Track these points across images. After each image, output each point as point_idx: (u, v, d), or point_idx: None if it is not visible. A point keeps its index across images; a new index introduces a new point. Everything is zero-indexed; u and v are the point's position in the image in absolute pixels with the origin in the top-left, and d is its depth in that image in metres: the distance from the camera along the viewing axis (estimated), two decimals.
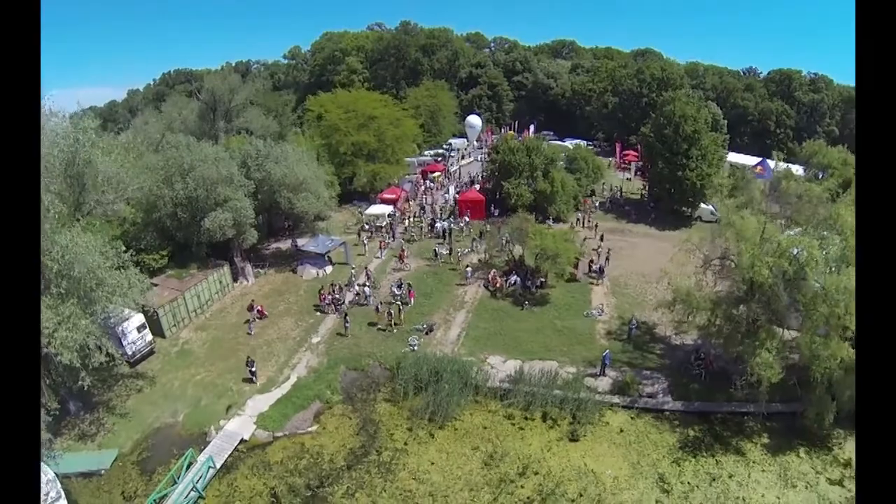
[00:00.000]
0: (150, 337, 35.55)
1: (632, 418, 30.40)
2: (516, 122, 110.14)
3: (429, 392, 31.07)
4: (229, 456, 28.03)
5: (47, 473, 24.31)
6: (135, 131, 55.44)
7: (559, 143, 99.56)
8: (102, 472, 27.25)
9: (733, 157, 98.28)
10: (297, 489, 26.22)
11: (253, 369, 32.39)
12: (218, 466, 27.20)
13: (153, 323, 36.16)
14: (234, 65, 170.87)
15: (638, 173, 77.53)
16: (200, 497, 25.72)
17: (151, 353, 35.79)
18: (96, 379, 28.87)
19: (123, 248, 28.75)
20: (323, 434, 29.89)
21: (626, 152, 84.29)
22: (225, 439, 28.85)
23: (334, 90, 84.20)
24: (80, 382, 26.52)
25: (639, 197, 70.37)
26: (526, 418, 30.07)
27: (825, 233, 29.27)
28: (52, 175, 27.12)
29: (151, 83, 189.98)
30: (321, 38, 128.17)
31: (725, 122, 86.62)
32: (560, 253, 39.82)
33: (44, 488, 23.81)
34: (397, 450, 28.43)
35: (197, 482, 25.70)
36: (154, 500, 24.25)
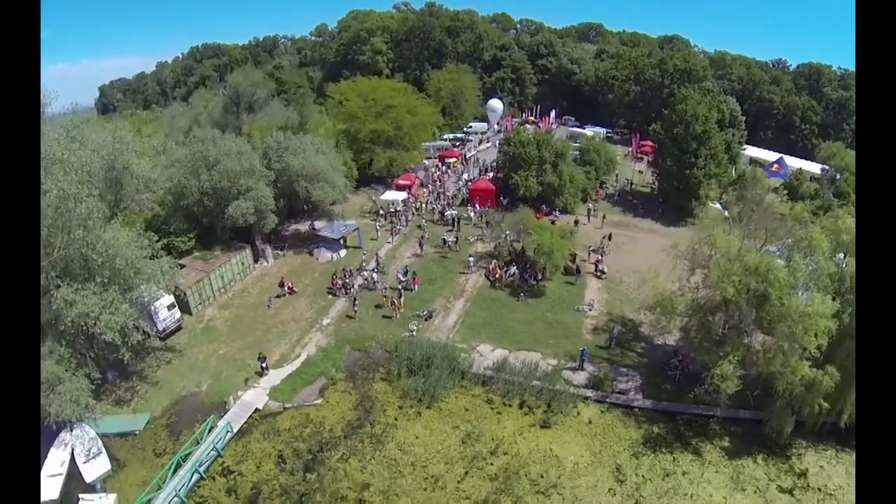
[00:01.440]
0: (178, 314, 40.05)
1: (602, 412, 33.47)
2: (538, 107, 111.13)
3: (420, 375, 34.81)
4: (245, 422, 32.44)
5: (89, 433, 29.28)
6: (165, 124, 59.70)
7: (579, 129, 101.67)
8: (136, 432, 31.85)
9: (753, 152, 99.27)
10: (300, 453, 30.48)
11: (264, 365, 35.93)
12: (235, 431, 31.58)
13: (181, 301, 40.63)
14: (261, 39, 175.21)
15: (651, 165, 79.69)
16: (219, 455, 30.22)
17: (179, 328, 40.28)
18: (132, 352, 33.24)
19: (156, 239, 33.01)
20: (325, 407, 33.97)
21: (643, 143, 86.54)
22: (242, 408, 33.30)
23: (355, 78, 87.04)
24: (119, 356, 31.08)
25: (649, 190, 72.19)
26: (504, 404, 33.58)
27: (797, 255, 30.30)
28: (94, 179, 31.30)
29: (180, 56, 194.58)
30: (347, 16, 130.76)
31: (743, 118, 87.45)
32: (555, 249, 42.80)
33: (86, 445, 28.83)
34: (388, 424, 32.37)
35: (217, 443, 30.17)
36: (180, 457, 28.61)
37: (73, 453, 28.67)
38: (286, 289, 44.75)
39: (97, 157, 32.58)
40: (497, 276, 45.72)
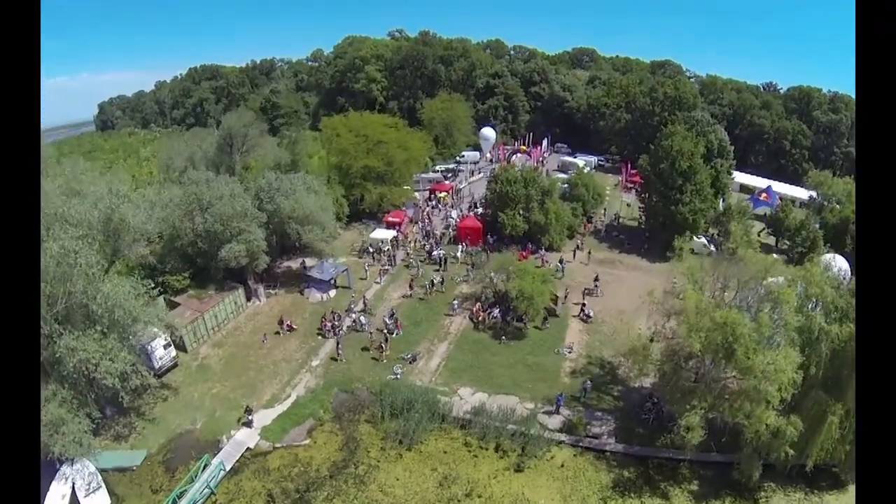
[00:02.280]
0: (174, 353, 42.58)
1: (574, 455, 35.49)
2: (531, 134, 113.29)
3: (402, 418, 37.06)
4: (237, 461, 34.68)
5: (89, 467, 31.61)
6: (162, 164, 62.51)
7: (570, 158, 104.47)
8: (134, 468, 34.16)
9: (743, 178, 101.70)
10: (288, 492, 32.69)
11: (250, 417, 37.50)
12: (228, 469, 33.86)
13: (176, 340, 43.15)
14: (258, 62, 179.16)
15: (639, 197, 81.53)
16: (212, 493, 32.45)
17: (175, 366, 42.72)
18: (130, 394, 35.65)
19: (151, 285, 35.64)
20: (313, 447, 36.19)
21: (633, 173, 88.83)
22: (234, 447, 35.57)
23: (349, 105, 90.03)
24: (119, 399, 33.47)
25: (636, 224, 74.24)
26: (481, 447, 35.71)
27: (764, 310, 31.44)
28: (93, 232, 34.04)
29: (178, 76, 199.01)
30: (343, 41, 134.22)
31: (732, 147, 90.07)
32: (535, 295, 45.09)
33: (86, 479, 31.19)
34: (371, 465, 34.60)
35: (210, 482, 32.43)
36: (176, 495, 30.71)
37: (73, 487, 30.73)
38: (285, 326, 47.41)
39: (95, 211, 35.31)
40: (480, 318, 47.97)
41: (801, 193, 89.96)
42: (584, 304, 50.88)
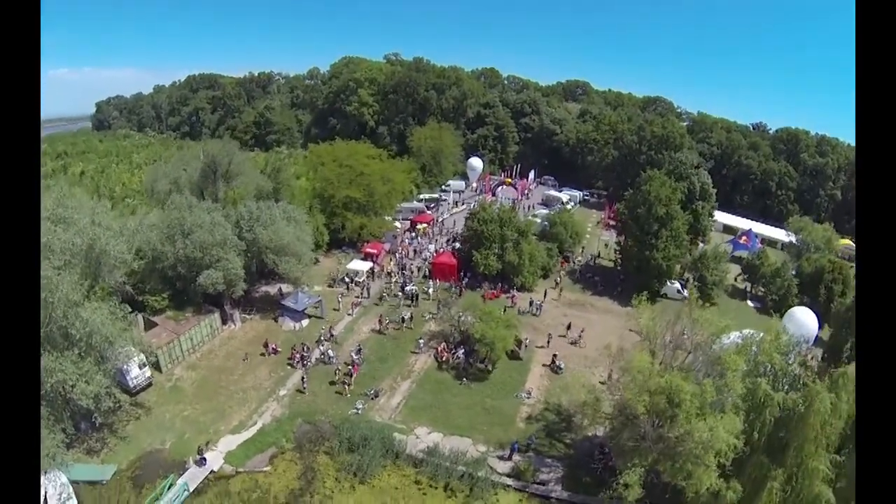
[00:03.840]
0: (149, 373, 45.13)
1: (520, 501, 37.86)
2: (518, 166, 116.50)
3: (358, 452, 39.47)
4: (200, 483, 37.15)
5: (61, 478, 34.08)
6: (147, 188, 65.54)
7: (555, 193, 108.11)
8: (104, 482, 36.38)
9: (727, 219, 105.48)
10: None
11: (203, 457, 38.84)
12: (191, 490, 36.28)
13: (152, 359, 45.79)
14: (256, 75, 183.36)
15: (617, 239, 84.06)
16: None
17: (150, 385, 45.23)
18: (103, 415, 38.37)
19: (129, 309, 38.47)
20: (273, 474, 38.60)
21: (615, 210, 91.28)
22: (199, 469, 38.06)
23: (336, 132, 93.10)
24: (92, 420, 36.15)
25: (613, 265, 76.67)
26: (431, 486, 37.99)
27: (708, 378, 33.27)
28: (75, 259, 36.85)
29: (176, 82, 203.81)
30: (340, 61, 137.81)
31: (715, 191, 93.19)
32: (497, 341, 47.73)
33: (58, 490, 33.60)
34: (325, 496, 37.00)
35: (174, 501, 34.78)
36: None
37: (45, 496, 32.93)
38: (270, 349, 50.75)
39: (78, 239, 37.94)
40: (444, 358, 50.57)
41: (782, 235, 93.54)
42: (555, 355, 52.47)
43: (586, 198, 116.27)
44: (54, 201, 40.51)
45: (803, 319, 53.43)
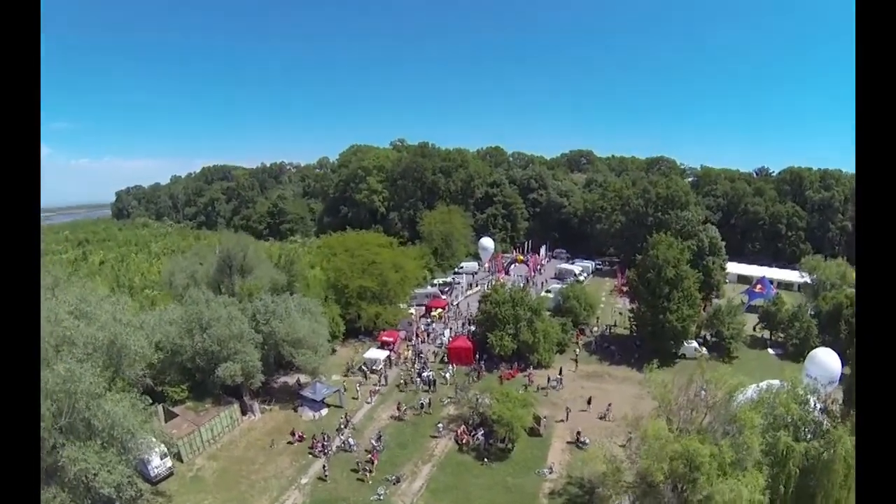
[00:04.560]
0: (170, 463, 46.30)
1: None
2: (529, 241, 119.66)
3: None
4: None
5: None
6: (165, 280, 68.58)
7: (567, 266, 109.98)
8: None
9: (740, 269, 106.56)
10: None
11: None
12: None
13: (174, 450, 47.04)
14: (268, 165, 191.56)
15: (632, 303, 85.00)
16: None
17: (171, 475, 46.33)
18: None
19: (150, 401, 40.22)
20: None
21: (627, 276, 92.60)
22: None
23: (348, 219, 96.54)
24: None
25: (628, 333, 77.16)
26: None
27: (725, 438, 33.60)
28: (97, 354, 38.72)
29: (192, 174, 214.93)
30: (348, 150, 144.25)
31: (724, 243, 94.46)
32: (514, 420, 48.37)
33: None
34: None
35: None
36: None
37: None
38: (297, 436, 52.07)
39: (100, 334, 39.85)
40: (464, 440, 51.16)
41: (796, 277, 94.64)
42: (579, 432, 52.67)
43: (599, 267, 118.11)
44: (77, 297, 42.76)
45: (825, 360, 53.01)
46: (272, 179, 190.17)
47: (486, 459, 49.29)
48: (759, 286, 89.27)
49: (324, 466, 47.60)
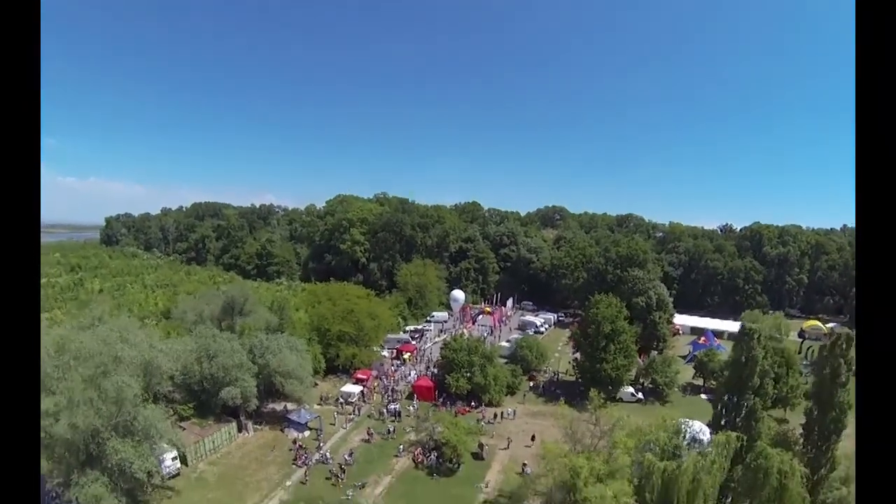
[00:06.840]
0: (178, 464, 59.49)
1: None
2: (499, 294, 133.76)
3: None
4: None
5: None
6: (176, 316, 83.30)
7: (531, 318, 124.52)
8: None
9: (693, 321, 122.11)
10: None
11: None
12: None
13: (181, 454, 60.18)
14: (258, 207, 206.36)
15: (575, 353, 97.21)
16: None
17: (178, 474, 59.42)
18: (151, 487, 53.35)
19: (172, 412, 54.68)
20: None
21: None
22: None
23: (328, 280, 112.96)
24: (136, 494, 51.04)
25: (574, 379, 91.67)
26: None
27: (598, 454, 48.17)
28: (132, 368, 51.47)
29: (183, 208, 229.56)
30: (335, 199, 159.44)
31: (672, 299, 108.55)
32: (459, 443, 62.29)
33: None
34: None
35: None
36: None
37: None
38: (297, 445, 66.10)
39: (139, 356, 53.44)
40: (420, 460, 64.73)
41: (737, 329, 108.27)
42: (525, 464, 64.43)
43: (560, 319, 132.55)
44: (121, 325, 56.41)
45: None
46: (261, 220, 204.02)
47: (435, 475, 62.87)
48: (702, 338, 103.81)
49: (305, 473, 61.23)
